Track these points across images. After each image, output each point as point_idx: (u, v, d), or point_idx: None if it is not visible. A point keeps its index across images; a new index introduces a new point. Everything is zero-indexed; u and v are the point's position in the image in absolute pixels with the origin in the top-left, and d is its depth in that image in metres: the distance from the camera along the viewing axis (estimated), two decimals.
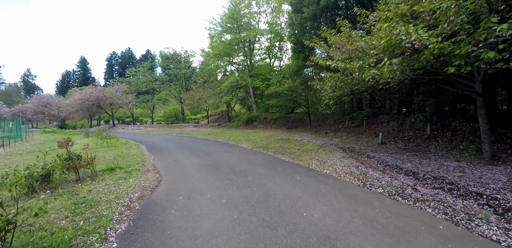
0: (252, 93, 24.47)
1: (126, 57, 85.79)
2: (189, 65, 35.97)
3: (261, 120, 23.64)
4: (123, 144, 12.57)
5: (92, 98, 28.58)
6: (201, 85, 30.33)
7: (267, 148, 10.05)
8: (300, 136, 14.82)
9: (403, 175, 6.26)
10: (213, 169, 6.54)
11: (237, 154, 8.85)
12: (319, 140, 12.72)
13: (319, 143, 11.55)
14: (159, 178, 5.68)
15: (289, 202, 4.20)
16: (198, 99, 27.83)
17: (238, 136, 15.01)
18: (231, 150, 9.83)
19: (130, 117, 42.70)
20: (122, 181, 5.34)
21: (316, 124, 20.14)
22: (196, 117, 46.91)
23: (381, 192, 4.86)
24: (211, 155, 8.69)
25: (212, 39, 29.77)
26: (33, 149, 12.43)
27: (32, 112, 40.62)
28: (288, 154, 8.61)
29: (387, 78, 4.57)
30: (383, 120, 13.97)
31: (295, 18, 12.25)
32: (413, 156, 8.08)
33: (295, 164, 7.08)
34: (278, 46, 25.96)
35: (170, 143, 12.87)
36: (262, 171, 6.24)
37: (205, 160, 7.71)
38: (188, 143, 12.35)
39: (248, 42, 25.19)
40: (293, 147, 10.24)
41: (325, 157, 8.14)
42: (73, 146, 12.67)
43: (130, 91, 35.75)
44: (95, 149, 11.06)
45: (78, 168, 5.26)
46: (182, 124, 31.78)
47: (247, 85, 24.51)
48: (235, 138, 14.24)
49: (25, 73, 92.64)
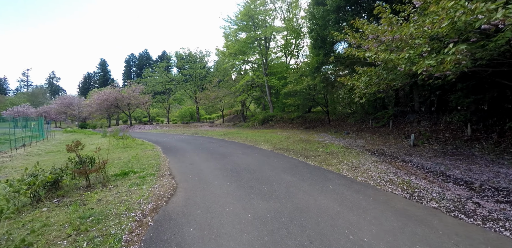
0: (268, 92, 23.74)
1: (143, 58, 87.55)
2: (204, 65, 35.78)
3: (278, 119, 22.88)
4: (139, 144, 12.26)
5: (111, 99, 28.98)
6: (216, 85, 29.97)
7: (288, 150, 9.32)
8: (320, 137, 13.97)
9: (452, 184, 5.34)
10: (232, 174, 5.91)
11: (257, 156, 8.18)
12: (342, 141, 11.83)
13: (343, 145, 10.68)
14: (174, 185, 5.12)
15: (327, 219, 3.48)
16: (214, 99, 27.46)
17: (255, 137, 14.37)
18: (249, 152, 9.18)
19: (147, 117, 43.25)
20: (135, 188, 4.82)
21: (336, 124, 19.13)
22: (211, 117, 46.80)
23: (436, 206, 4.02)
24: (229, 157, 8.08)
25: (227, 38, 29.32)
26: (52, 149, 12.40)
27: (55, 112, 42.06)
28: (312, 158, 7.85)
29: (446, 70, 3.73)
30: (412, 119, 12.82)
31: (316, 11, 11.42)
32: (457, 161, 7.08)
33: (323, 170, 6.31)
34: (295, 44, 25.05)
35: (186, 144, 12.43)
36: (288, 178, 5.54)
37: (223, 164, 7.10)
38: (204, 144, 11.85)
39: (263, 40, 24.48)
40: (316, 149, 9.45)
41: (354, 161, 7.30)
42: (89, 147, 12.54)
43: (146, 91, 36.09)
44: (111, 150, 10.78)
45: (88, 174, 4.79)
46: (197, 123, 31.60)
47: (262, 84, 23.81)
48: (252, 138, 13.60)
49: (50, 75, 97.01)
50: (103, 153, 10.18)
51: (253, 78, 21.77)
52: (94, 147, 12.31)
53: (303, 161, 7.35)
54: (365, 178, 5.52)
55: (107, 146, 12.03)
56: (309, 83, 16.90)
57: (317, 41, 13.76)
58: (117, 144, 11.89)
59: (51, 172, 4.46)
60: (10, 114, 51.44)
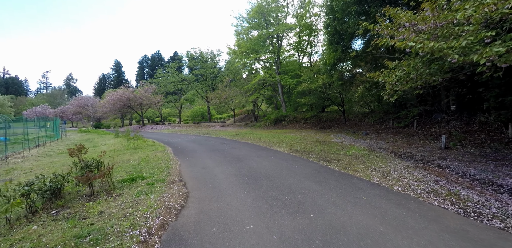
0: (280, 91, 23.02)
1: (155, 59, 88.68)
2: (215, 65, 35.44)
3: (291, 119, 22.12)
4: (149, 145, 11.89)
5: (123, 99, 29.12)
6: (228, 84, 29.52)
7: (306, 153, 8.62)
8: (337, 138, 13.16)
9: (507, 196, 4.52)
10: (249, 181, 5.30)
11: (274, 160, 7.54)
12: (362, 143, 11.00)
13: (365, 147, 9.87)
14: (185, 194, 4.56)
15: (371, 244, 2.80)
16: (225, 99, 27.01)
17: (269, 138, 13.72)
18: (265, 154, 8.55)
19: (159, 117, 43.46)
20: (142, 198, 4.29)
21: (352, 124, 18.20)
22: (222, 117, 46.50)
23: (502, 227, 3.26)
24: (243, 161, 7.48)
25: (238, 36, 28.80)
26: (63, 150, 12.21)
27: (71, 113, 42.94)
28: (335, 162, 7.13)
29: None
30: (440, 119, 11.80)
31: (335, 4, 10.63)
32: (503, 167, 6.18)
33: (350, 176, 5.59)
34: (308, 41, 24.18)
35: (198, 145, 11.94)
36: (312, 186, 4.87)
37: (238, 168, 6.50)
38: (217, 145, 11.32)
39: (275, 38, 23.77)
40: (336, 152, 8.70)
41: (383, 166, 6.53)
42: (100, 148, 12.28)
43: (159, 91, 36.16)
44: (121, 151, 10.43)
45: (92, 180, 4.30)
46: (209, 123, 31.28)
47: (275, 83, 23.11)
48: (266, 139, 12.96)
49: (67, 77, 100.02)
50: (113, 154, 9.83)
51: (266, 77, 21.10)
52: (105, 148, 12.05)
53: (326, 166, 6.64)
54: (402, 188, 4.77)
55: (118, 147, 11.73)
56: (325, 81, 16.07)
57: (334, 37, 12.95)
58: (127, 145, 11.56)
59: (51, 180, 4.00)
60: (30, 114, 53.18)
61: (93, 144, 14.48)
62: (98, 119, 42.91)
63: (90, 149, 12.33)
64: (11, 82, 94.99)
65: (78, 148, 4.67)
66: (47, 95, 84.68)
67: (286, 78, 21.03)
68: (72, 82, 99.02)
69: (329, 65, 13.44)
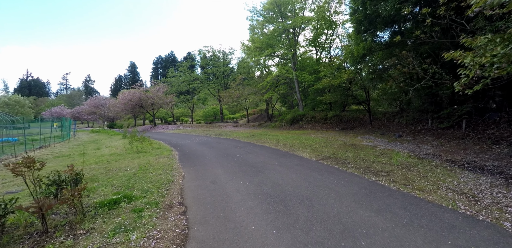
0: (297, 89, 21.23)
1: (169, 60, 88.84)
2: (227, 63, 34.07)
3: (309, 119, 20.28)
4: (155, 148, 10.53)
5: (135, 99, 28.30)
6: (241, 83, 28.01)
7: (340, 161, 6.89)
8: (367, 141, 11.31)
9: None
10: (277, 207, 3.66)
11: (302, 171, 5.87)
12: (400, 147, 9.15)
13: (408, 153, 8.03)
14: (183, 232, 2.99)
15: None
16: (238, 97, 25.52)
17: (288, 140, 12.04)
18: (288, 162, 6.90)
19: (172, 116, 42.70)
20: (117, 240, 2.77)
21: (379, 124, 16.17)
22: (234, 117, 45.18)
23: None
24: (263, 172, 5.86)
25: (253, 31, 27.28)
26: (64, 153, 11.09)
27: (86, 113, 42.97)
28: (383, 174, 5.38)
29: None
30: (498, 119, 9.69)
31: None
32: None
33: (420, 201, 3.84)
34: (326, 34, 22.21)
35: (208, 148, 10.45)
36: (375, 221, 3.17)
37: (258, 183, 4.89)
38: (229, 149, 9.77)
39: (292, 34, 22.00)
40: (376, 159, 6.92)
41: (455, 182, 4.72)
42: (102, 151, 11.05)
43: (171, 91, 35.28)
44: (122, 155, 9.10)
45: (45, 212, 2.82)
46: (221, 123, 29.93)
47: (291, 80, 21.36)
48: (285, 142, 11.30)
49: (85, 78, 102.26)
50: (115, 158, 8.51)
51: (282, 72, 19.35)
52: (107, 151, 10.81)
53: (375, 181, 4.90)
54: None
55: (120, 150, 10.44)
56: (350, 76, 14.20)
57: (363, 24, 11.08)
58: (131, 148, 10.23)
59: None
60: (48, 114, 54.12)
61: (97, 146, 13.37)
62: (112, 119, 42.70)
63: (90, 153, 11.14)
64: (34, 84, 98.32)
65: (26, 161, 3.18)
66: (66, 96, 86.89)
67: (304, 74, 19.21)
68: (90, 84, 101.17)
69: (357, 57, 11.57)
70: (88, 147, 12.92)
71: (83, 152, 10.98)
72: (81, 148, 12.83)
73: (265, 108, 33.79)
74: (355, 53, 11.77)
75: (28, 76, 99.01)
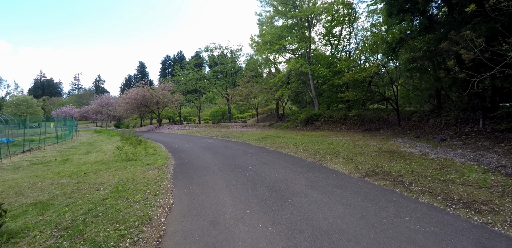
0: (311, 86, 19.05)
1: (177, 59, 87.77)
2: (236, 60, 32.13)
3: (325, 119, 18.11)
4: (149, 154, 8.68)
5: (139, 97, 26.73)
6: (249, 80, 26.01)
7: (394, 179, 4.81)
8: (406, 146, 9.16)
9: None
10: None
11: (348, 199, 3.83)
12: (456, 155, 7.03)
13: (474, 164, 5.88)
14: None
15: None
16: (247, 95, 23.54)
17: (308, 144, 9.99)
18: (322, 181, 4.86)
19: (179, 116, 41.20)
20: None
21: (409, 125, 13.89)
22: (243, 116, 43.28)
23: None
24: (290, 200, 3.84)
25: (261, 27, 25.27)
26: (47, 158, 9.42)
27: (93, 112, 41.97)
28: (487, 210, 3.29)
29: None
30: None
31: None
32: None
33: None
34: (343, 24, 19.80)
35: (213, 155, 8.52)
36: None
37: (287, 229, 2.89)
38: (239, 157, 7.81)
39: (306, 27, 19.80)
40: (444, 177, 4.82)
41: None
42: (88, 157, 9.29)
43: (178, 90, 33.72)
44: (107, 165, 7.28)
45: None
46: (229, 123, 28.05)
47: (305, 74, 19.20)
48: (306, 147, 9.25)
49: (96, 78, 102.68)
50: (93, 170, 6.70)
51: (297, 67, 17.19)
52: (94, 157, 9.04)
53: (489, 228, 2.83)
54: None
55: (109, 157, 8.65)
56: (377, 69, 12.01)
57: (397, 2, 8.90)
58: (119, 154, 8.40)
59: None
60: (57, 114, 53.70)
61: (90, 149, 11.68)
62: (119, 119, 41.52)
63: (75, 159, 9.22)
64: (47, 84, 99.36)
65: None
66: (77, 95, 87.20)
67: (321, 68, 17.03)
68: (100, 84, 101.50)
69: (393, 42, 9.36)
70: (78, 151, 11.24)
71: (67, 158, 9.26)
72: (71, 151, 11.16)
73: (275, 107, 31.74)
74: (390, 38, 9.57)
75: (41, 77, 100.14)
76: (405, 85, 14.26)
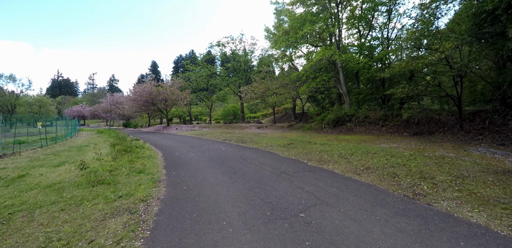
0: (342, 80, 15.70)
1: (189, 58, 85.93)
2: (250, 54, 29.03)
3: (360, 120, 14.77)
4: (134, 172, 5.79)
5: (144, 94, 24.22)
6: (265, 75, 22.86)
7: None
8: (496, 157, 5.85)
9: None
10: None
11: None
12: None
13: None
14: None
15: None
16: (263, 92, 20.42)
17: (361, 156, 6.81)
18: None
19: (189, 115, 38.68)
20: None
21: (475, 128, 10.42)
22: (255, 116, 40.19)
23: None
24: None
25: (279, 16, 22.19)
26: (2, 173, 6.71)
27: (103, 111, 40.15)
28: None
29: None
30: None
31: None
32: None
33: None
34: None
35: (228, 178, 5.52)
36: None
37: None
38: (271, 185, 4.76)
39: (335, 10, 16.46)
40: None
41: None
42: (58, 170, 6.44)
43: (189, 87, 31.15)
44: (61, 192, 4.42)
45: None
46: (242, 124, 25.06)
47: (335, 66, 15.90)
48: (363, 161, 6.09)
49: (110, 78, 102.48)
50: (30, 205, 3.84)
51: (327, 55, 13.82)
52: (56, 175, 6.24)
53: None
54: None
55: (74, 175, 5.81)
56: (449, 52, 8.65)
57: None
58: (88, 173, 5.53)
59: None
60: (69, 112, 52.54)
61: (70, 157, 8.96)
62: (128, 118, 39.46)
63: (36, 174, 6.33)
64: (64, 83, 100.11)
65: None
66: (91, 94, 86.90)
67: (357, 58, 13.68)
68: (114, 83, 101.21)
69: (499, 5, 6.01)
70: (54, 160, 8.53)
71: (26, 172, 6.52)
72: (45, 160, 8.46)
73: (291, 107, 28.53)
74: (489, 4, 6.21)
75: (58, 77, 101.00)
76: (474, 76, 10.78)
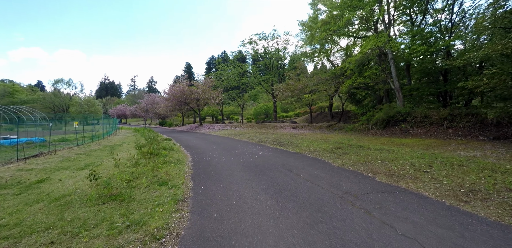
0: (393, 73, 13.30)
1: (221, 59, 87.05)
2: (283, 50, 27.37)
3: (417, 120, 12.30)
4: (155, 183, 4.74)
5: (177, 93, 24.14)
6: (302, 72, 21.05)
7: None
8: None
9: None
10: None
11: None
12: None
13: None
14: None
15: None
16: (300, 90, 18.68)
17: (444, 169, 4.87)
18: None
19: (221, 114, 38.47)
20: None
21: None
22: (287, 115, 38.42)
23: None
24: None
25: (315, 6, 20.32)
26: (27, 176, 6.24)
27: (141, 110, 41.93)
28: None
29: None
30: None
31: None
32: None
33: None
34: None
35: (274, 201, 4.14)
36: None
37: None
38: (330, 203, 3.24)
39: None
40: None
41: None
42: (78, 176, 5.67)
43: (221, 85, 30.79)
44: (63, 210, 3.42)
45: None
46: (275, 123, 23.59)
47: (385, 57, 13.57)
48: (456, 179, 4.18)
49: (149, 80, 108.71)
50: (26, 226, 2.87)
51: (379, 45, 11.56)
52: (72, 183, 5.46)
53: None
54: None
55: (88, 185, 4.93)
56: None
57: None
58: (101, 184, 4.61)
59: None
60: (114, 112, 56.33)
61: (98, 158, 8.43)
62: (163, 117, 40.59)
63: (55, 179, 5.51)
64: (110, 86, 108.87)
65: None
66: (132, 95, 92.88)
67: (414, 45, 11.30)
68: (152, 84, 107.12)
69: None
70: (82, 161, 8.03)
71: (47, 176, 5.92)
72: (74, 161, 8.00)
73: (327, 105, 26.27)
74: None
75: (105, 80, 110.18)
76: None
